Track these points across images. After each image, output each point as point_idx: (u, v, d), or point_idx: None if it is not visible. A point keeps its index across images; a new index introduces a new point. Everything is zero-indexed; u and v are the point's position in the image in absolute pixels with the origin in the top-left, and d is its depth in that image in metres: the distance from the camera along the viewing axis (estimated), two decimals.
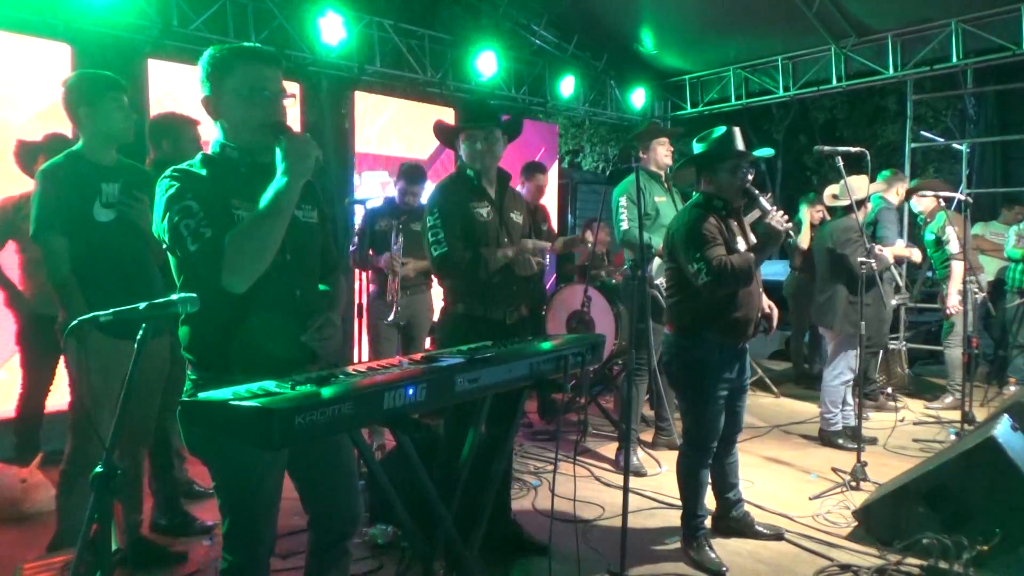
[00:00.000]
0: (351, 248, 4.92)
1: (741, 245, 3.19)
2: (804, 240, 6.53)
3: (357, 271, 4.50)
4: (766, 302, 3.32)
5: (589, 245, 5.16)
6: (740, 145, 3.19)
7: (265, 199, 1.85)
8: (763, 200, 3.16)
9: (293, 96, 2.04)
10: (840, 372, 4.81)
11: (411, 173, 4.78)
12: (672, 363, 3.27)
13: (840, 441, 4.84)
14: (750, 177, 3.21)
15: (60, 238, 2.78)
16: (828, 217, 5.67)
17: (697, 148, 3.27)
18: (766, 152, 3.33)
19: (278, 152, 1.87)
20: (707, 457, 3.24)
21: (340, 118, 6.41)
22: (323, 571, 2.17)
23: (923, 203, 6.00)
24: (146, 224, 2.88)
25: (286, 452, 1.99)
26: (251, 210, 1.87)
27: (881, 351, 5.65)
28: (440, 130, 3.26)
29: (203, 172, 1.96)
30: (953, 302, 5.68)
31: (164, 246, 1.94)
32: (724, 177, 3.18)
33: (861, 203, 4.74)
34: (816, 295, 5.01)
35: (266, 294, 1.92)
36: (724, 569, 3.13)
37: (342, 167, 6.44)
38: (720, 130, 3.20)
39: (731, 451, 3.41)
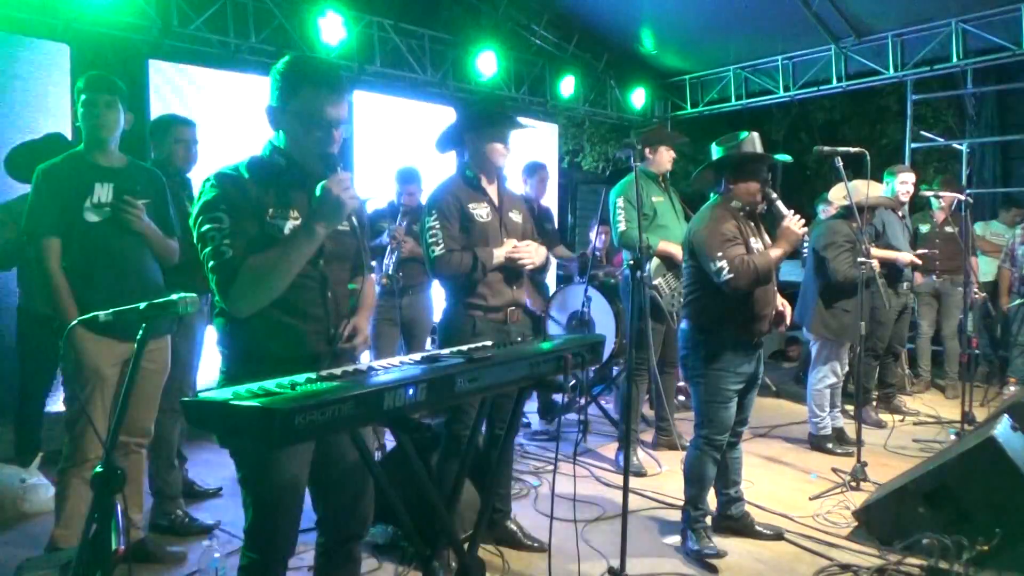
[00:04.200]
0: None
1: (757, 245, 3.26)
2: None
3: None
4: (779, 300, 3.36)
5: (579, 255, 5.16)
6: (760, 149, 3.28)
7: (289, 240, 1.90)
8: (779, 204, 3.24)
9: (345, 122, 2.07)
10: (824, 376, 4.81)
11: (402, 175, 4.80)
12: (688, 357, 3.32)
13: (828, 445, 4.82)
14: (768, 180, 3.28)
15: (52, 238, 2.78)
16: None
17: (718, 151, 3.35)
18: (784, 158, 3.40)
19: (318, 190, 1.90)
20: (716, 451, 3.29)
21: None
22: (331, 573, 2.18)
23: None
24: (141, 228, 2.89)
25: (311, 450, 2.01)
26: (285, 219, 1.93)
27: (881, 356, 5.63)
28: (458, 130, 3.15)
29: (247, 176, 1.99)
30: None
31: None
32: (745, 180, 3.25)
33: (861, 209, 4.71)
34: (799, 296, 5.06)
35: (300, 295, 1.97)
36: (724, 553, 3.17)
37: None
38: (742, 134, 3.29)
39: (736, 447, 3.44)
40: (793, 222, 3.19)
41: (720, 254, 3.10)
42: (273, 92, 2.02)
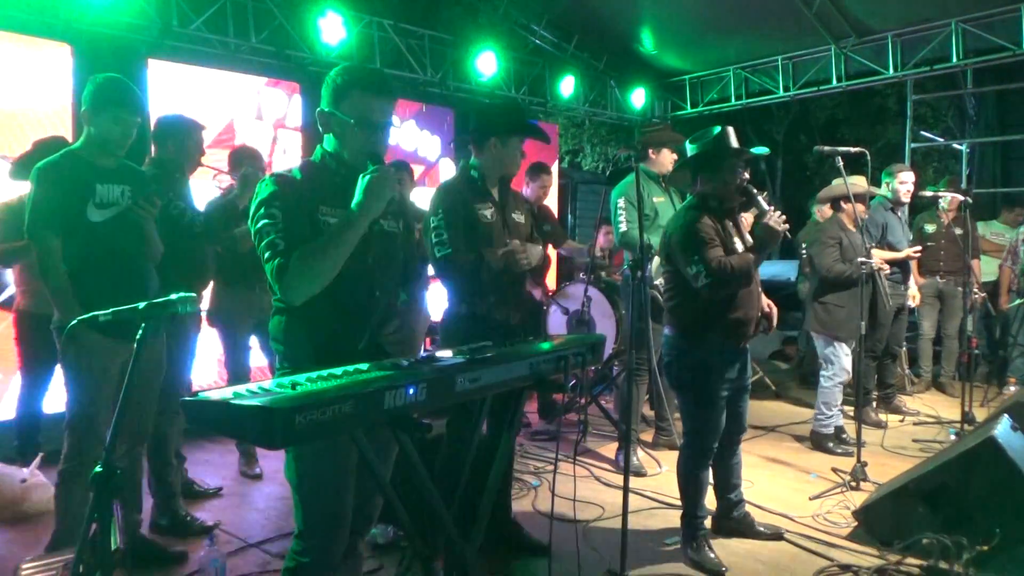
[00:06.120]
0: None
1: (738, 245, 3.18)
2: None
3: None
4: (765, 301, 3.32)
5: (588, 248, 5.16)
6: (734, 143, 3.18)
7: (334, 228, 2.00)
8: (760, 199, 3.15)
9: (396, 124, 2.13)
10: (834, 373, 4.83)
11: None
12: (673, 364, 3.26)
13: (829, 445, 4.82)
14: (746, 176, 3.21)
15: (54, 238, 2.78)
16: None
17: (691, 149, 3.26)
18: (761, 150, 3.33)
19: (360, 182, 2.00)
20: (707, 458, 3.24)
21: None
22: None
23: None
24: (149, 228, 2.95)
25: (356, 455, 2.02)
26: (334, 217, 2.03)
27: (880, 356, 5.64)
28: (484, 131, 3.12)
29: (299, 177, 2.09)
30: None
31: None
32: (720, 177, 3.17)
33: (860, 198, 4.74)
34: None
35: (349, 294, 2.06)
36: (724, 569, 3.13)
37: None
38: (714, 130, 3.19)
39: (735, 452, 3.40)
40: (773, 219, 3.06)
41: (696, 257, 3.00)
42: (324, 96, 2.12)
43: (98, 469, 1.66)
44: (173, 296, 1.82)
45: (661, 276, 4.45)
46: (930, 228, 6.25)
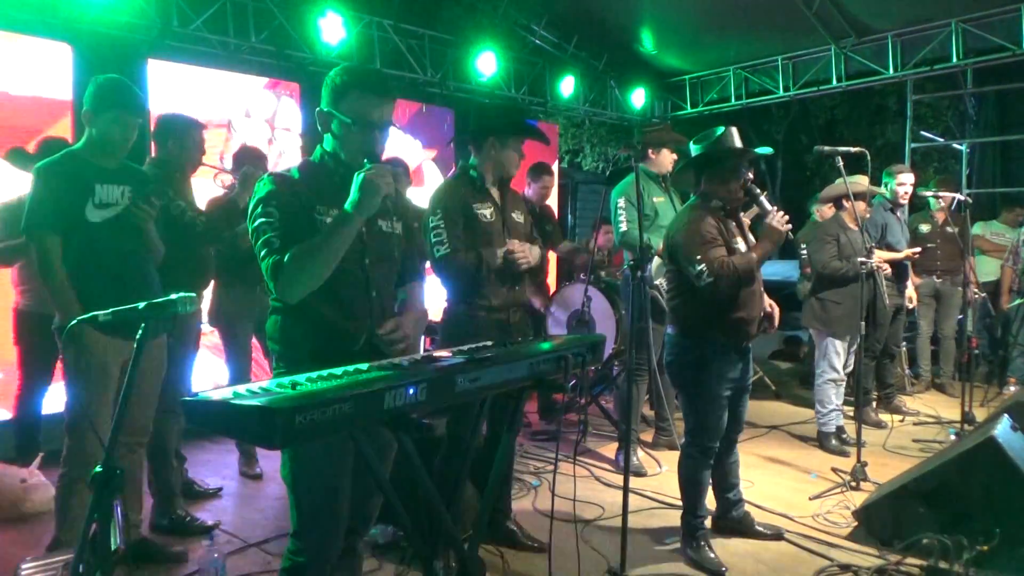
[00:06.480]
0: None
1: (741, 245, 3.19)
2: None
3: None
4: (767, 301, 3.32)
5: (590, 246, 5.15)
6: (738, 144, 3.19)
7: (329, 226, 2.01)
8: (763, 199, 3.15)
9: (395, 124, 2.19)
10: (823, 371, 4.85)
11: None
12: (675, 363, 3.27)
13: (832, 443, 4.82)
14: (750, 176, 3.21)
15: (53, 237, 2.78)
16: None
17: (695, 149, 3.27)
18: (765, 150, 3.34)
19: (355, 180, 2.01)
20: (709, 458, 3.24)
21: None
22: (334, 565, 2.19)
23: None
24: (148, 228, 2.95)
25: (351, 455, 2.04)
26: (333, 216, 2.04)
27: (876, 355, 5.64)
28: (483, 132, 3.13)
29: (297, 176, 2.12)
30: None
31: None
32: (723, 177, 3.17)
33: (861, 196, 4.75)
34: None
35: (346, 293, 2.08)
36: (723, 569, 3.13)
37: None
38: (718, 130, 3.20)
39: (732, 451, 3.41)
40: (776, 219, 3.07)
41: (699, 256, 3.01)
42: (324, 96, 2.13)
43: (98, 469, 1.66)
44: (173, 296, 1.82)
45: (662, 276, 4.47)
46: (924, 228, 6.26)
